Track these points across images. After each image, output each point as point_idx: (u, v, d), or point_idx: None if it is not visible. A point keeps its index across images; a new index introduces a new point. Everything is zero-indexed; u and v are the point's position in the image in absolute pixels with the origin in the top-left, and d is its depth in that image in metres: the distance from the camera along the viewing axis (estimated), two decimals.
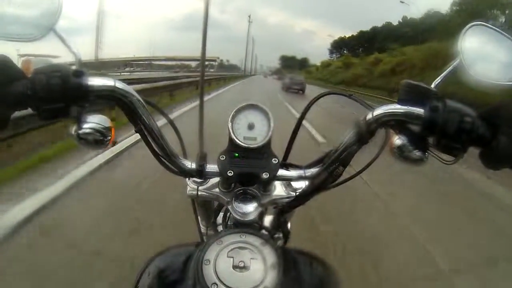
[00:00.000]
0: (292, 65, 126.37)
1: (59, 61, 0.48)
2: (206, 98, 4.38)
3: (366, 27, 75.41)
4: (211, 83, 18.81)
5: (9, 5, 0.50)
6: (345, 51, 72.57)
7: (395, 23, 53.18)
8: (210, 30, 0.50)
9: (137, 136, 0.51)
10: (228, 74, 39.19)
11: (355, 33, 72.41)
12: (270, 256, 0.43)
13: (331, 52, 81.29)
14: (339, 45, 78.64)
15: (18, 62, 0.46)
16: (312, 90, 20.69)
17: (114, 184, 2.99)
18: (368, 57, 38.38)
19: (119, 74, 32.47)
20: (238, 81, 32.02)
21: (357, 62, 41.91)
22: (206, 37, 0.50)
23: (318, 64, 79.85)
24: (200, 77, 0.57)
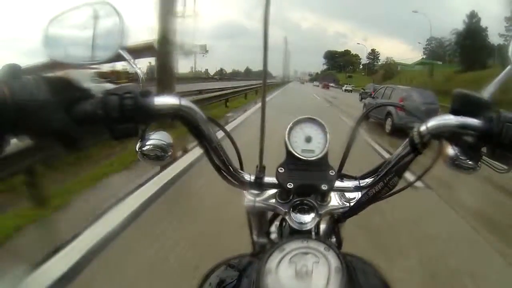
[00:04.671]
0: (343, 63, 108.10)
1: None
2: None
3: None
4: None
5: (73, 31, 0.57)
6: None
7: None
8: (239, 39, 0.53)
9: None
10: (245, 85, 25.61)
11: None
12: (334, 260, 0.45)
13: None
14: None
15: None
16: None
17: None
18: None
19: None
20: (274, 92, 26.43)
21: None
22: (267, 46, 0.55)
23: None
24: (263, 88, 0.61)
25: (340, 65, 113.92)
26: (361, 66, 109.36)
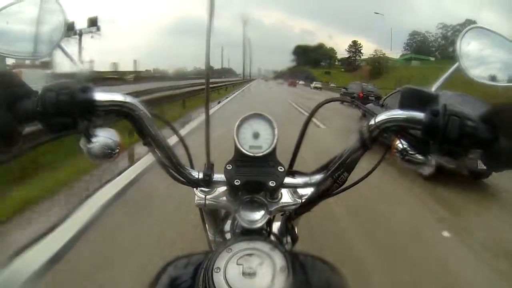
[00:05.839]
0: (319, 57, 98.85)
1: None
2: None
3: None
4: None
5: (17, 24, 0.56)
6: None
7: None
8: (202, 37, 0.53)
9: None
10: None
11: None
12: (279, 260, 0.47)
13: None
14: None
15: None
16: None
17: None
18: None
19: None
20: (234, 93, 23.44)
21: None
22: (210, 44, 0.54)
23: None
24: (206, 88, 0.61)
25: (313, 60, 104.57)
26: (337, 62, 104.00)
